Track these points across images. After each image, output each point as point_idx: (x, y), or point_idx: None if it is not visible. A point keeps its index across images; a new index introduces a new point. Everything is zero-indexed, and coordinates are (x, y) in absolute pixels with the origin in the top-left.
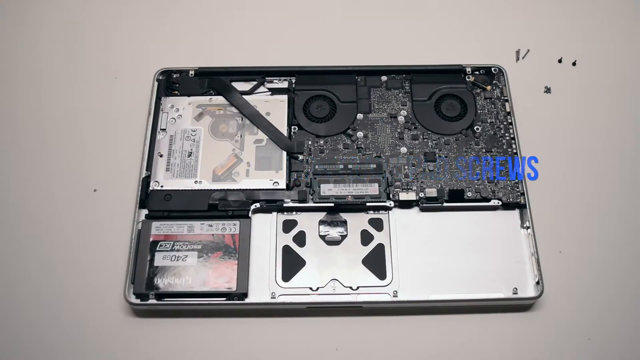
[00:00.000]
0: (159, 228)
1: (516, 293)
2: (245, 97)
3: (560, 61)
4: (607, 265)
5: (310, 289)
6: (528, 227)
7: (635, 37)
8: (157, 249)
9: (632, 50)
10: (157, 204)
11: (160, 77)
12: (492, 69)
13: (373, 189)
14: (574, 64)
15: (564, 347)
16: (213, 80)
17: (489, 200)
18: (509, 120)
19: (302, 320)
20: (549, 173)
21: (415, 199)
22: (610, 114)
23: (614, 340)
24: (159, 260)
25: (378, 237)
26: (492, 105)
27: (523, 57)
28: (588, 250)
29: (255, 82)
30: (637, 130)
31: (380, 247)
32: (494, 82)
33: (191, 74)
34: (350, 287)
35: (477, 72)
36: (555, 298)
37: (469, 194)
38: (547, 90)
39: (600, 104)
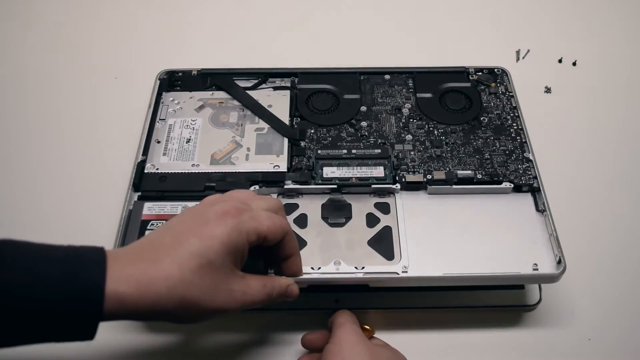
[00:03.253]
0: (151, 208)
1: (537, 269)
2: (247, 92)
3: (560, 61)
4: (609, 269)
5: (312, 268)
6: (543, 210)
7: (635, 38)
8: (148, 227)
9: (631, 50)
10: (150, 185)
11: (164, 77)
12: (496, 70)
13: (378, 171)
14: (574, 64)
15: (564, 350)
16: (216, 77)
17: (500, 183)
18: (516, 114)
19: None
20: (549, 174)
21: (422, 180)
22: (610, 113)
23: (615, 343)
24: None
25: (385, 220)
26: (498, 100)
27: (523, 57)
28: (590, 253)
29: (258, 80)
30: (638, 130)
31: (387, 229)
32: (497, 80)
33: (194, 74)
34: (355, 267)
35: (480, 73)
36: (556, 303)
37: (479, 176)
38: (547, 90)
39: (600, 104)
